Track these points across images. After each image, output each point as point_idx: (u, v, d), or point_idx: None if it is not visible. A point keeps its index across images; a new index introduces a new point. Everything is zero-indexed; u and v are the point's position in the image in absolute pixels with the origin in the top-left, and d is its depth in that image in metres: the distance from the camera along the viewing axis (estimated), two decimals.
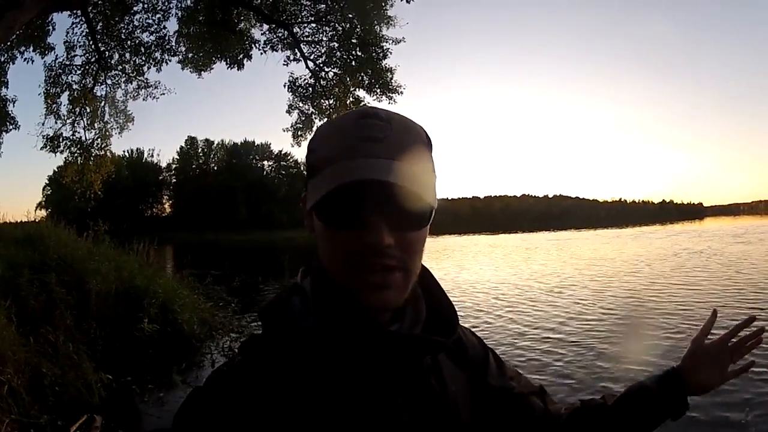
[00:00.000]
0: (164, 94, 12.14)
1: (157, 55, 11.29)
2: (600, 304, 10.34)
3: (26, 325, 5.51)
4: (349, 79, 11.77)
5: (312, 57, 11.75)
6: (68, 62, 11.13)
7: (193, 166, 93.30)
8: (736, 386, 5.02)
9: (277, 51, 11.71)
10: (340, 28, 11.33)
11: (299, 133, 12.35)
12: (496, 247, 34.07)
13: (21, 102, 11.46)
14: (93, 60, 11.20)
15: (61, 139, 11.65)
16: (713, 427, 4.55)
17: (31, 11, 7.18)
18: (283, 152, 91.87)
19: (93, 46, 10.93)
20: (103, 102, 11.90)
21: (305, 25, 11.46)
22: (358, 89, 11.87)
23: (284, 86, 12.19)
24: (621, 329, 8.20)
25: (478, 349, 0.88)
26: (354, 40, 11.30)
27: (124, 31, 10.96)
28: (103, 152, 12.25)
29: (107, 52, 11.19)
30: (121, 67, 11.54)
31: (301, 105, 12.31)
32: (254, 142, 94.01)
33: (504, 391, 0.87)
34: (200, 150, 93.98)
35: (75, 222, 9.49)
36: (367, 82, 11.65)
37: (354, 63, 11.55)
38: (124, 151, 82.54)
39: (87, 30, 10.64)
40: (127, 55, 11.33)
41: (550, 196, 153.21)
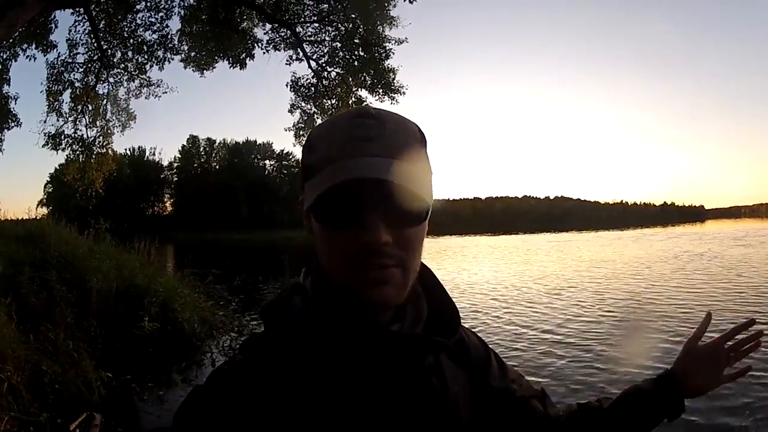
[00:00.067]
0: (166, 93, 12.17)
1: (160, 53, 11.30)
2: (600, 306, 10.33)
3: (26, 322, 5.52)
4: (351, 79, 11.78)
5: (314, 57, 11.77)
6: (70, 60, 11.16)
7: (195, 165, 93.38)
8: (737, 391, 5.01)
9: (279, 50, 11.76)
10: (343, 28, 11.35)
11: (301, 133, 12.38)
12: (497, 248, 34.03)
13: (23, 99, 11.50)
14: (95, 58, 11.22)
15: (62, 136, 11.67)
16: (716, 415, 4.57)
17: (33, 9, 7.20)
18: (284, 152, 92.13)
19: (95, 44, 10.96)
20: (105, 100, 11.95)
21: (308, 24, 11.48)
22: (360, 89, 11.90)
23: (286, 86, 12.24)
24: (621, 331, 8.19)
25: (480, 350, 0.88)
26: (357, 40, 11.32)
27: (126, 29, 10.98)
28: (104, 150, 12.28)
29: (110, 50, 11.21)
30: (123, 65, 11.57)
31: (304, 105, 12.35)
32: (256, 141, 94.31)
33: (505, 393, 0.86)
34: (202, 149, 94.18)
35: (76, 220, 9.51)
36: (370, 82, 11.66)
37: (356, 63, 11.56)
38: (126, 150, 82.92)
39: (89, 28, 10.66)
40: (130, 54, 11.36)
41: (552, 197, 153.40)
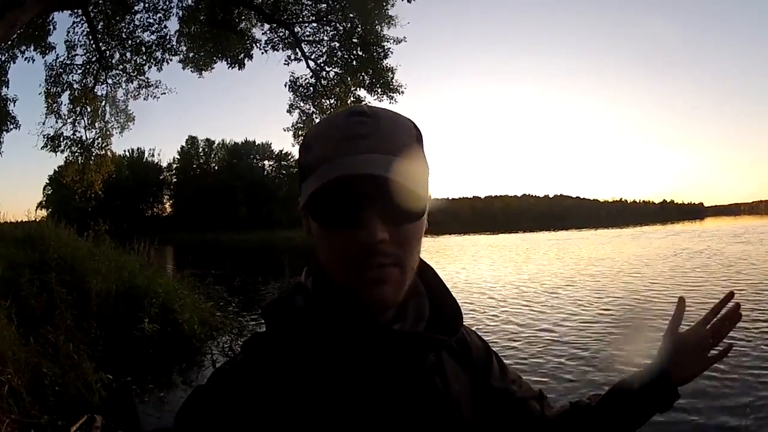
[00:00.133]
0: (165, 94, 12.18)
1: (158, 54, 11.31)
2: (598, 305, 10.34)
3: (26, 324, 5.53)
4: (350, 79, 11.77)
5: (313, 56, 11.76)
6: (69, 61, 11.15)
7: (194, 166, 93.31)
8: (738, 390, 5.02)
9: (278, 50, 11.74)
10: (341, 28, 11.34)
11: (300, 133, 12.35)
12: (497, 247, 34.06)
13: (22, 101, 11.47)
14: (94, 59, 11.22)
15: (61, 138, 11.68)
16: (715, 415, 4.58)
17: (32, 10, 7.18)
18: (283, 152, 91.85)
19: (94, 46, 10.95)
20: (104, 101, 11.93)
21: (306, 24, 11.47)
22: (359, 89, 11.88)
23: (285, 86, 12.22)
24: (619, 330, 8.17)
25: (482, 350, 0.88)
26: (355, 40, 11.31)
27: (125, 30, 10.98)
28: (103, 152, 12.28)
29: (108, 52, 11.21)
30: (121, 66, 11.57)
31: (302, 104, 12.33)
32: (255, 141, 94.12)
33: (505, 393, 0.87)
34: (201, 150, 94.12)
35: (75, 222, 9.50)
36: (368, 81, 11.65)
37: (355, 62, 11.56)
38: (125, 151, 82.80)
39: (88, 29, 10.66)
40: (128, 55, 11.36)
41: (551, 196, 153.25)
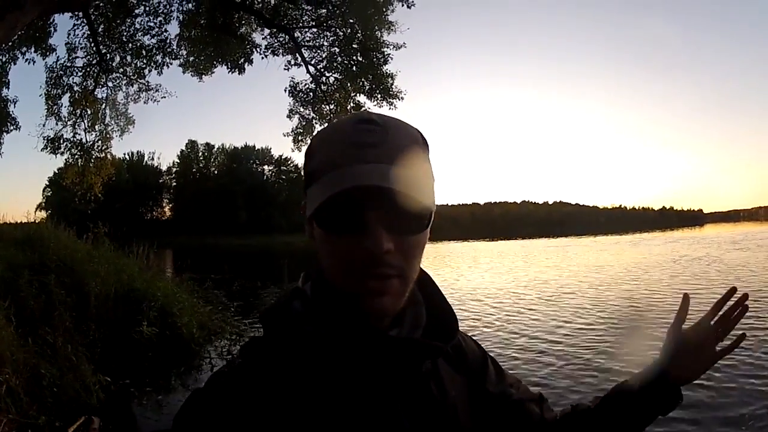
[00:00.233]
0: (165, 98, 12.19)
1: (159, 58, 11.32)
2: (597, 312, 10.32)
3: (25, 325, 5.52)
4: (349, 85, 11.80)
5: (313, 62, 11.79)
6: (69, 64, 11.15)
7: (194, 170, 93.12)
8: (737, 399, 5.04)
9: (278, 55, 11.77)
10: (341, 33, 11.36)
11: (300, 138, 12.37)
12: (495, 253, 34.04)
13: (22, 103, 11.48)
14: (94, 62, 11.23)
15: (61, 140, 11.66)
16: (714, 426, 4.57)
17: (32, 12, 7.20)
18: (283, 157, 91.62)
19: (94, 48, 10.96)
20: (104, 104, 11.93)
21: (306, 29, 11.49)
22: (358, 94, 11.91)
23: (285, 91, 12.26)
24: (618, 336, 8.16)
25: (478, 355, 0.88)
26: (355, 46, 11.34)
27: (125, 33, 10.99)
28: (103, 154, 12.27)
29: (108, 55, 11.21)
30: (122, 69, 11.58)
31: (302, 110, 12.35)
32: (254, 146, 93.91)
33: (502, 397, 0.87)
34: (201, 154, 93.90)
35: (75, 224, 9.47)
36: (368, 87, 11.68)
37: (355, 68, 11.58)
38: (125, 154, 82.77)
39: (88, 32, 10.66)
40: (129, 58, 11.37)
41: (550, 202, 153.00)
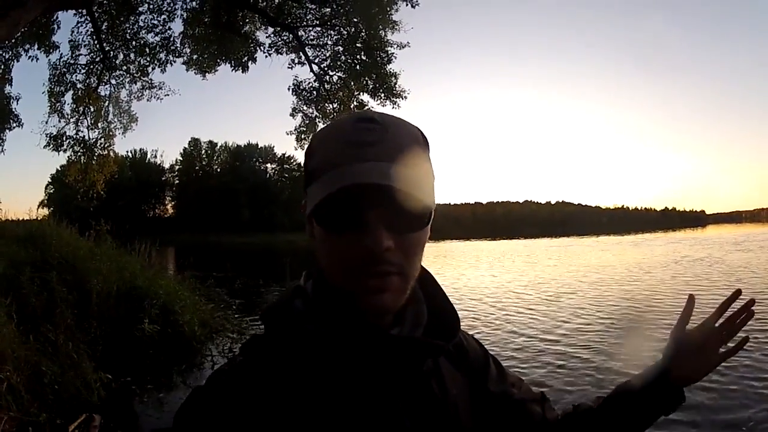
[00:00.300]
0: (168, 95, 12.24)
1: (162, 56, 11.37)
2: (599, 312, 10.29)
3: (27, 323, 5.53)
4: (353, 83, 11.81)
5: (316, 60, 11.82)
6: (73, 61, 11.21)
7: (196, 168, 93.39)
8: (739, 403, 5.02)
9: (281, 54, 11.82)
10: (345, 32, 11.38)
11: (303, 137, 12.40)
12: (498, 253, 34.02)
13: (25, 100, 11.55)
14: (97, 59, 11.27)
15: (64, 137, 11.73)
16: (716, 428, 4.56)
17: (35, 9, 7.22)
18: (286, 155, 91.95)
19: (98, 46, 11.00)
20: (107, 102, 11.99)
21: (310, 28, 11.52)
22: (362, 93, 11.95)
23: (288, 89, 12.29)
24: (620, 337, 8.15)
25: (479, 354, 0.87)
26: (359, 45, 11.36)
27: (129, 31, 11.03)
28: (106, 152, 12.32)
29: (112, 52, 11.26)
30: (125, 67, 11.63)
31: (305, 108, 12.39)
32: (257, 144, 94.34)
33: (504, 396, 0.86)
34: (203, 152, 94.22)
35: (77, 221, 9.49)
36: (372, 86, 11.71)
37: (358, 67, 11.60)
38: (128, 152, 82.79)
39: (92, 29, 10.71)
40: (132, 56, 11.41)
41: (553, 202, 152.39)
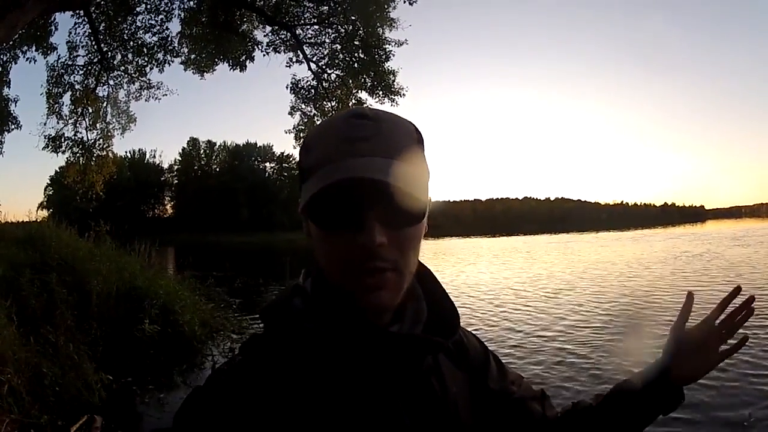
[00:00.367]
0: (166, 95, 12.21)
1: (160, 55, 11.34)
2: (599, 308, 10.29)
3: (27, 324, 5.52)
4: (351, 81, 11.81)
5: (314, 59, 11.81)
6: (71, 62, 11.19)
7: (195, 168, 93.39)
8: (740, 400, 5.03)
9: (279, 53, 11.80)
10: (343, 30, 11.37)
11: (301, 135, 12.36)
12: (497, 249, 34.02)
13: (23, 102, 11.53)
14: (95, 60, 11.25)
15: (63, 139, 11.72)
16: (716, 427, 4.56)
17: (33, 11, 7.20)
18: (285, 154, 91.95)
19: (95, 47, 10.98)
20: (106, 102, 11.99)
21: (308, 27, 11.50)
22: (360, 91, 11.94)
23: (287, 88, 12.27)
24: (619, 333, 8.15)
25: (479, 352, 0.87)
26: (356, 43, 11.34)
27: (126, 31, 11.01)
28: (105, 153, 12.32)
29: (110, 53, 11.24)
30: (123, 67, 11.60)
31: (304, 107, 12.39)
32: (256, 143, 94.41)
33: (504, 394, 0.86)
34: (202, 151, 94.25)
35: (76, 222, 9.48)
36: (370, 84, 11.70)
37: (356, 65, 11.59)
38: (126, 152, 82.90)
39: (89, 30, 10.68)
40: (130, 56, 11.39)
41: (552, 198, 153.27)
